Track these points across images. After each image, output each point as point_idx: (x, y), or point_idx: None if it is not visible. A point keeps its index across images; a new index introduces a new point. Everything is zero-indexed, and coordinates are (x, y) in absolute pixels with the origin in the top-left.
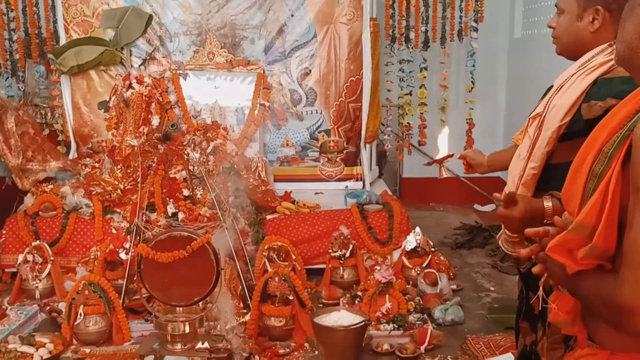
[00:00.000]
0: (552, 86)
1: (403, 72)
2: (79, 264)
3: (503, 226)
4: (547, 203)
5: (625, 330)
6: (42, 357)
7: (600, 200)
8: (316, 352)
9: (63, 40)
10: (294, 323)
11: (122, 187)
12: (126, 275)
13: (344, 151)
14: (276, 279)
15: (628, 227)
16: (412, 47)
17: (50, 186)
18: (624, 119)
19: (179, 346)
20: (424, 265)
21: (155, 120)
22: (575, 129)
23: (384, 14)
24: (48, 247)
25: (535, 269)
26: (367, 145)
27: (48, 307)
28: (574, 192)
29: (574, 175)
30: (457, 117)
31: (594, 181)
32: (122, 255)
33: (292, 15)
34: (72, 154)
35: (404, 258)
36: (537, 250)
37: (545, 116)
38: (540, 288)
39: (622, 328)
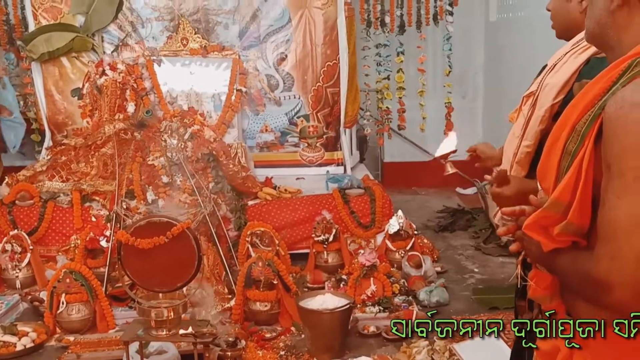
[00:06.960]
0: (546, 65)
1: (380, 56)
2: (59, 253)
3: (498, 207)
4: None
5: (601, 305)
6: (25, 346)
7: (575, 178)
8: (302, 336)
9: (32, 27)
10: (279, 307)
11: (99, 175)
12: (107, 263)
13: (324, 136)
14: (260, 263)
15: (601, 204)
16: (388, 32)
17: (26, 175)
18: (596, 97)
19: (163, 332)
20: (408, 248)
21: (130, 107)
22: None
23: None
24: (27, 236)
25: (512, 247)
26: (347, 130)
27: (29, 297)
28: (548, 170)
29: (549, 153)
30: (436, 101)
31: (568, 159)
32: (103, 243)
33: (265, 0)
34: (47, 142)
35: (387, 241)
36: (514, 229)
37: (538, 95)
38: (519, 266)
39: (598, 303)
